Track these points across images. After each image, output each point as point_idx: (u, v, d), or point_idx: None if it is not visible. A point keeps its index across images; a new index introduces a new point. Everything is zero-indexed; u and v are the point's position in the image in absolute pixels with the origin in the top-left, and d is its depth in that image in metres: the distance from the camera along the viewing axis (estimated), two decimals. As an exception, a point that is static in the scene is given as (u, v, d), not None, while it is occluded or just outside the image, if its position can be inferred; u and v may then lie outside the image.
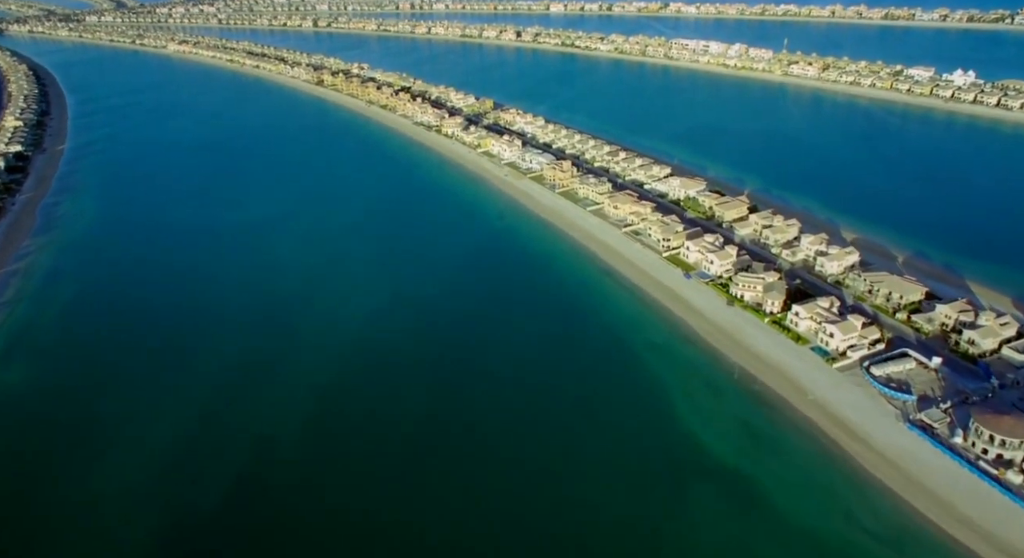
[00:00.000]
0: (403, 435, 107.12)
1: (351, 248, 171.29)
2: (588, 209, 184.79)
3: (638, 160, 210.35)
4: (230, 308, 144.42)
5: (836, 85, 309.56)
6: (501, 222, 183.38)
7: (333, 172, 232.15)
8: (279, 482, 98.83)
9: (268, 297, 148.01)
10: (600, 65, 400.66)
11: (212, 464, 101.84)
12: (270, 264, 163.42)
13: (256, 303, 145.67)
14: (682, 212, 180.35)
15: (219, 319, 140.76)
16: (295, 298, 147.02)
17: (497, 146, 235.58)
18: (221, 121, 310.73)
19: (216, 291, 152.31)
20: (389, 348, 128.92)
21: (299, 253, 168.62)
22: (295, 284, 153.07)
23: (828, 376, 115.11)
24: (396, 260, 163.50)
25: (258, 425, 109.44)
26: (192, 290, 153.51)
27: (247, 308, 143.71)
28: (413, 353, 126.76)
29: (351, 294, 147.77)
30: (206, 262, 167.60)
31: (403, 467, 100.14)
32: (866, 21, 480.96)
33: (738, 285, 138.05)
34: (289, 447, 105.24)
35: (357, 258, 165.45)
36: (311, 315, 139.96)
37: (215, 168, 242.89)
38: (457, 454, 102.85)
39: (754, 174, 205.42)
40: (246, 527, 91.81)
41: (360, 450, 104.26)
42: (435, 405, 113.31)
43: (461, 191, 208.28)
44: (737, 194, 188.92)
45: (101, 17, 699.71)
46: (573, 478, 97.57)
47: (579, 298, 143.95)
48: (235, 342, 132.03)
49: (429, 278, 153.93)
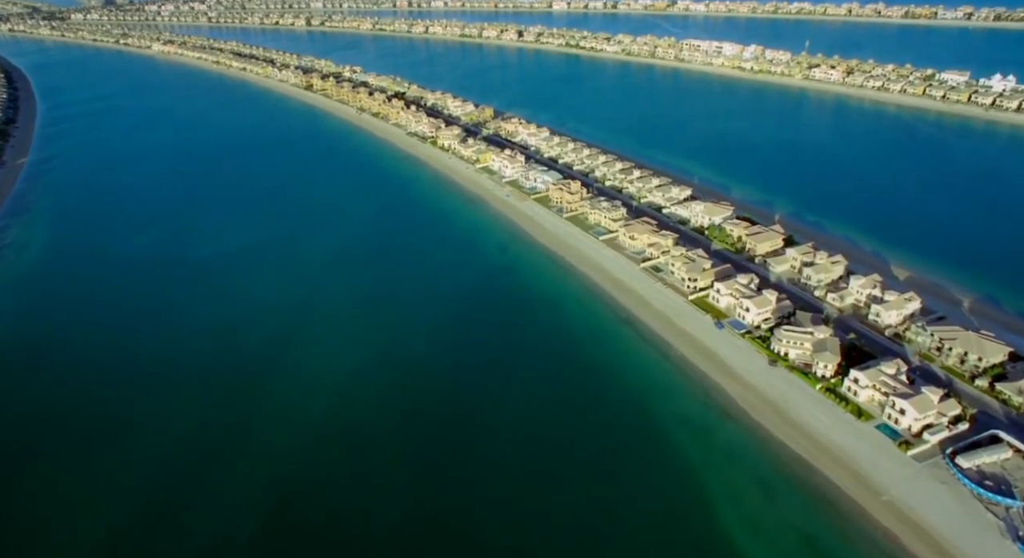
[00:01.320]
0: (384, 541, 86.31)
1: (332, 287, 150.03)
2: (601, 238, 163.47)
3: (655, 180, 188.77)
4: (185, 367, 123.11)
5: (862, 91, 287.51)
6: (502, 255, 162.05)
7: (318, 191, 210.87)
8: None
9: (232, 353, 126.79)
10: (606, 67, 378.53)
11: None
12: (238, 309, 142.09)
13: (217, 361, 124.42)
14: (707, 243, 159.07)
15: (170, 381, 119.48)
16: (263, 354, 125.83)
17: (498, 161, 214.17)
18: (201, 130, 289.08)
19: (171, 344, 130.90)
20: (369, 424, 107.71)
21: (272, 294, 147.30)
22: (265, 334, 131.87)
23: (902, 466, 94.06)
24: (382, 304, 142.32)
25: (203, 529, 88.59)
26: (143, 342, 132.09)
27: (206, 369, 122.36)
28: (398, 432, 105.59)
29: (328, 350, 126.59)
30: (164, 305, 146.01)
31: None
32: (885, 20, 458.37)
33: (781, 340, 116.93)
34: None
35: (337, 301, 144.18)
36: (279, 379, 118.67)
37: (189, 186, 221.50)
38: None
39: (784, 195, 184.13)
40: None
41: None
42: (425, 504, 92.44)
43: (458, 215, 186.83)
44: (767, 220, 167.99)
45: (87, 15, 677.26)
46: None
47: (595, 355, 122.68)
48: (187, 413, 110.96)
49: (419, 328, 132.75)
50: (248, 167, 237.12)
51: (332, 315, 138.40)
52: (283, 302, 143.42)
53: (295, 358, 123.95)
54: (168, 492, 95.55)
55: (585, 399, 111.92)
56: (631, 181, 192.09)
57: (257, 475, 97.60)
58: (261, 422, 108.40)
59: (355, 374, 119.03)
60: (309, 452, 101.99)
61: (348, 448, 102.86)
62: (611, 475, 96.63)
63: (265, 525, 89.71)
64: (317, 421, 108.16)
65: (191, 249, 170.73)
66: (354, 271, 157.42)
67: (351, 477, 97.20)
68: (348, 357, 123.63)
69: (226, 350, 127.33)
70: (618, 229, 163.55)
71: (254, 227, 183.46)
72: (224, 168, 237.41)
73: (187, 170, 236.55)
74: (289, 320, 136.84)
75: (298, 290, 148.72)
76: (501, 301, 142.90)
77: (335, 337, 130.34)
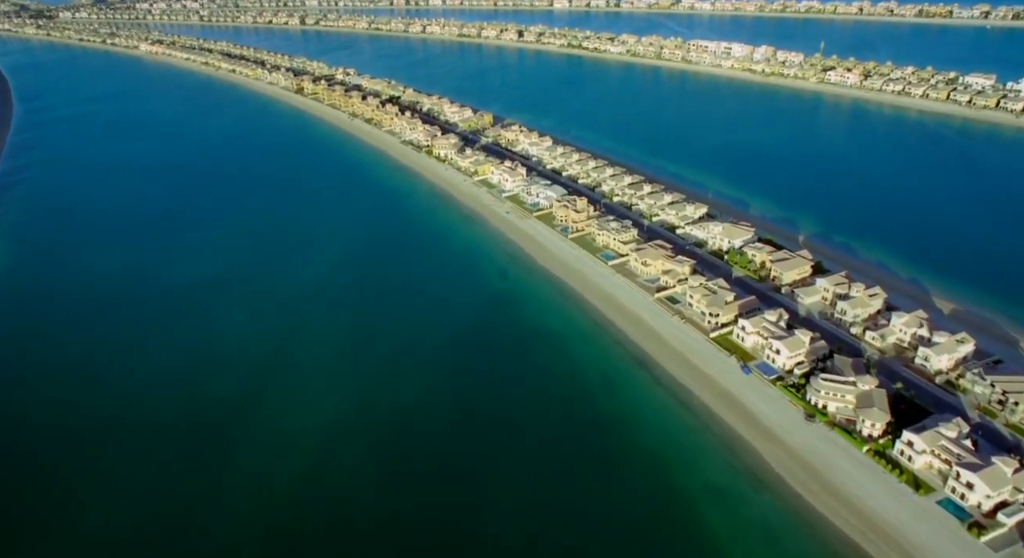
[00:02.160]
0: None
1: (312, 324, 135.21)
2: (610, 263, 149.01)
3: (667, 196, 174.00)
4: (140, 426, 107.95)
5: (881, 95, 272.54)
6: (502, 283, 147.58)
7: (304, 208, 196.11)
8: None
9: (194, 407, 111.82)
10: (610, 69, 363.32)
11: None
12: (205, 353, 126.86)
13: (177, 418, 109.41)
14: (727, 269, 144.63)
15: (119, 442, 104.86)
16: (230, 409, 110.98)
17: (497, 174, 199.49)
18: (184, 138, 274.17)
19: (126, 395, 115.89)
20: (349, 494, 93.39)
21: (245, 334, 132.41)
22: (233, 384, 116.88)
23: (975, 555, 79.77)
24: (368, 345, 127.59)
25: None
26: (92, 392, 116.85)
27: (164, 427, 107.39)
28: (382, 504, 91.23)
29: (304, 402, 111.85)
30: (122, 347, 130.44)
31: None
32: (897, 19, 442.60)
33: (819, 391, 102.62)
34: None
35: (318, 342, 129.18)
36: (247, 439, 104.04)
37: (165, 202, 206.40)
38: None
39: (807, 214, 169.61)
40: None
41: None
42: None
43: (454, 234, 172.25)
44: (791, 242, 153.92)
45: (76, 13, 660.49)
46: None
47: (606, 406, 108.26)
48: (136, 483, 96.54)
49: (408, 374, 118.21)
50: (231, 180, 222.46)
51: (311, 359, 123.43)
52: (256, 344, 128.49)
53: (266, 413, 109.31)
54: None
55: (596, 463, 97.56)
56: (641, 197, 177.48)
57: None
58: (224, 493, 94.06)
59: (333, 433, 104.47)
60: (279, 529, 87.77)
61: (324, 524, 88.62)
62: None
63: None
64: (289, 491, 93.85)
65: (159, 279, 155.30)
66: (338, 303, 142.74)
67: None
68: (326, 411, 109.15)
69: (188, 404, 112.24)
70: (629, 253, 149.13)
71: (232, 250, 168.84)
72: (205, 181, 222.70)
73: (165, 184, 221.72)
74: (262, 366, 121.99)
75: (274, 328, 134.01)
76: (501, 340, 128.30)
77: (313, 387, 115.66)
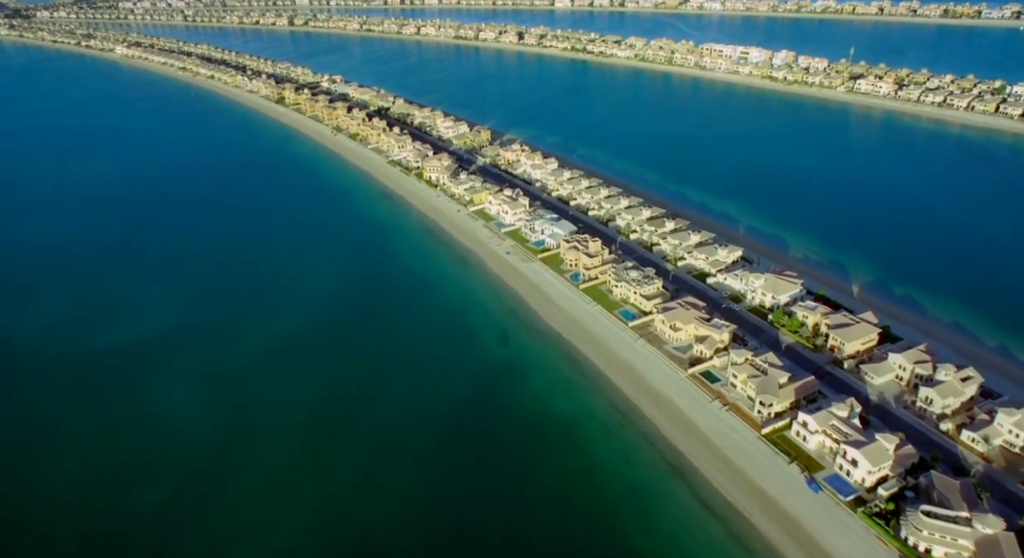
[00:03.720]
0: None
1: (269, 403, 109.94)
2: (631, 325, 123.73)
3: (693, 236, 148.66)
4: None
5: (919, 107, 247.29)
6: (501, 349, 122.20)
7: (272, 243, 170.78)
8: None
9: (109, 529, 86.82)
10: (618, 76, 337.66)
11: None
12: (130, 450, 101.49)
13: (85, 548, 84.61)
14: (772, 334, 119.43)
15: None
16: (156, 533, 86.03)
17: (496, 203, 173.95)
18: (149, 155, 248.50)
19: (20, 517, 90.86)
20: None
21: (184, 421, 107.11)
22: (163, 494, 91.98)
23: None
24: (336, 435, 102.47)
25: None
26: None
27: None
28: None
29: (249, 523, 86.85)
30: (22, 447, 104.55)
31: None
32: (921, 19, 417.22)
33: (920, 530, 77.62)
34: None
35: (275, 428, 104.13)
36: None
37: (111, 237, 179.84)
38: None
39: (861, 255, 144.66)
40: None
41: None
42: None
43: (445, 284, 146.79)
44: (844, 292, 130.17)
45: (55, 12, 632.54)
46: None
47: (639, 538, 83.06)
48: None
49: (386, 477, 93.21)
50: (193, 208, 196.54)
51: (265, 457, 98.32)
52: (197, 437, 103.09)
53: (202, 538, 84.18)
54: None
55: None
56: (663, 235, 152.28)
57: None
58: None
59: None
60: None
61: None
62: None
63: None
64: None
65: (85, 344, 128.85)
66: (303, 374, 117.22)
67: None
68: (281, 535, 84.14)
69: (102, 525, 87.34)
70: (653, 312, 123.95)
71: (182, 301, 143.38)
72: (163, 210, 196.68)
73: (117, 213, 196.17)
74: (202, 468, 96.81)
75: (222, 411, 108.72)
76: (500, 432, 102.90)
77: (264, 499, 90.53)
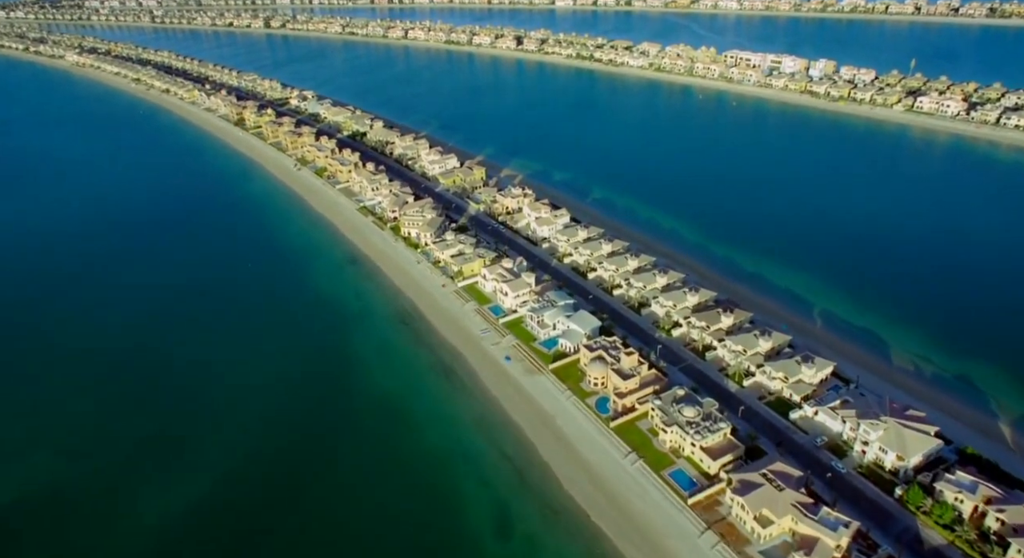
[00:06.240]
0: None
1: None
2: (690, 500, 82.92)
3: (763, 341, 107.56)
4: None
5: (998, 131, 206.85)
6: (503, 548, 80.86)
7: (187, 341, 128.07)
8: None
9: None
10: (631, 88, 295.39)
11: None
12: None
13: None
14: (907, 522, 78.82)
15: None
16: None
17: (491, 278, 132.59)
18: (75, 193, 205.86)
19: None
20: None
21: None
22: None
23: None
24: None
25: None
26: None
27: None
28: None
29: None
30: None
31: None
32: (964, 20, 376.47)
33: None
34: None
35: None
36: None
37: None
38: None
39: (1005, 370, 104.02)
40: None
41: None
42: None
43: (420, 412, 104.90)
44: (993, 437, 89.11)
45: (11, 13, 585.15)
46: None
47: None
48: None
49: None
50: (94, 281, 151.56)
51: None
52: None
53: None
54: None
55: None
56: (719, 334, 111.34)
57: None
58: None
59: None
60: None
61: None
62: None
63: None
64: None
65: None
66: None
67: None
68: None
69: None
70: (721, 478, 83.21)
71: (50, 441, 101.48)
72: (67, 278, 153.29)
73: (8, 279, 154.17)
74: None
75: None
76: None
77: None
